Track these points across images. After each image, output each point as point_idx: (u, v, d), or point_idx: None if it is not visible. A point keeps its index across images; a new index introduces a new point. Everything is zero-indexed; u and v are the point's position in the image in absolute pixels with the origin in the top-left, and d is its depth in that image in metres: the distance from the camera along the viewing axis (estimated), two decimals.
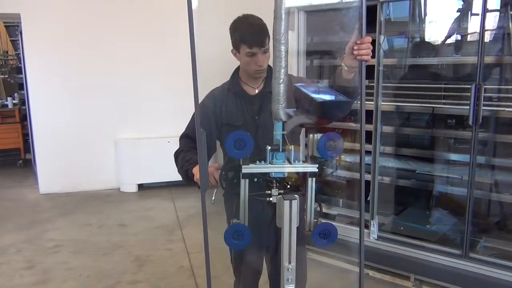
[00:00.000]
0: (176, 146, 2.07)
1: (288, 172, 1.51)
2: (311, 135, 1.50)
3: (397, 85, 3.30)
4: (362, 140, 1.39)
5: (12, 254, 3.77)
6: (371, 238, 3.22)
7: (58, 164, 5.50)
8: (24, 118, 6.89)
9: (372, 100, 3.12)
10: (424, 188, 3.41)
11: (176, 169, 1.99)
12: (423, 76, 3.41)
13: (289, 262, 1.60)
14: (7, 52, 8.08)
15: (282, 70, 1.49)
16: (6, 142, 6.87)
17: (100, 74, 5.41)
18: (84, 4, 5.28)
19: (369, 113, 3.21)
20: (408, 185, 3.40)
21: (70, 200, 5.29)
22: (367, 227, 3.25)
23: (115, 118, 5.55)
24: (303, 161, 1.52)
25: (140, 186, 5.66)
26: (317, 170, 1.51)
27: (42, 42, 5.26)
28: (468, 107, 2.74)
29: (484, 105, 2.70)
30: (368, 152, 3.31)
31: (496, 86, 2.96)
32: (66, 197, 5.39)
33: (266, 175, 1.51)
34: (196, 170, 1.81)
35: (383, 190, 3.32)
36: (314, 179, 1.52)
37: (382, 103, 3.15)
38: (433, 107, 3.13)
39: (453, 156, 3.25)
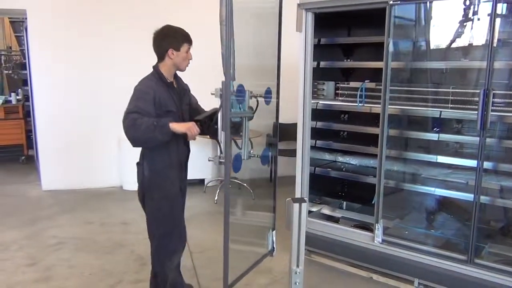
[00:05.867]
0: None
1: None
2: None
3: (405, 88, 3.28)
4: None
5: (14, 251, 3.77)
6: (375, 241, 3.20)
7: (61, 161, 5.50)
8: (27, 114, 6.89)
9: (379, 104, 3.11)
10: (429, 193, 3.39)
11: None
12: (430, 80, 3.40)
13: (297, 266, 1.59)
14: (11, 47, 8.08)
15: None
16: (9, 138, 6.87)
17: (105, 72, 5.40)
18: (90, 0, 5.28)
19: (376, 116, 3.21)
20: (414, 189, 3.38)
21: (73, 197, 5.29)
22: (372, 230, 3.24)
23: (119, 115, 5.51)
24: None
25: None
26: None
27: (47, 38, 5.26)
28: (475, 112, 2.73)
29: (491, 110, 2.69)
30: (374, 156, 3.30)
31: (503, 92, 2.95)
32: (68, 194, 5.39)
33: None
34: (176, 125, 2.40)
35: (388, 194, 3.30)
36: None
37: (389, 106, 3.12)
38: (441, 111, 3.11)
39: (459, 161, 3.23)
